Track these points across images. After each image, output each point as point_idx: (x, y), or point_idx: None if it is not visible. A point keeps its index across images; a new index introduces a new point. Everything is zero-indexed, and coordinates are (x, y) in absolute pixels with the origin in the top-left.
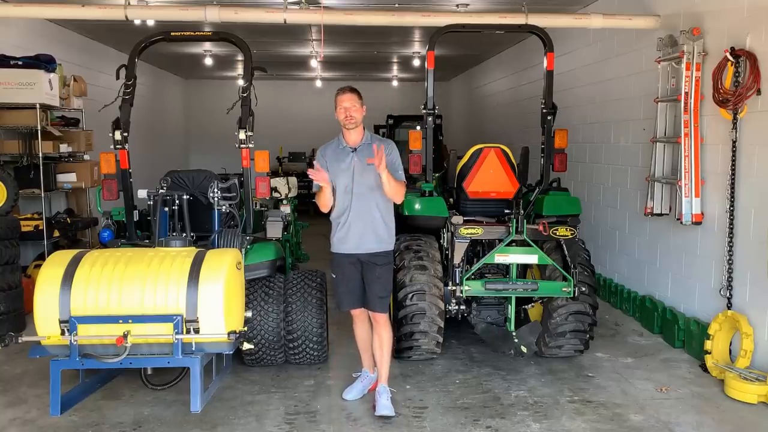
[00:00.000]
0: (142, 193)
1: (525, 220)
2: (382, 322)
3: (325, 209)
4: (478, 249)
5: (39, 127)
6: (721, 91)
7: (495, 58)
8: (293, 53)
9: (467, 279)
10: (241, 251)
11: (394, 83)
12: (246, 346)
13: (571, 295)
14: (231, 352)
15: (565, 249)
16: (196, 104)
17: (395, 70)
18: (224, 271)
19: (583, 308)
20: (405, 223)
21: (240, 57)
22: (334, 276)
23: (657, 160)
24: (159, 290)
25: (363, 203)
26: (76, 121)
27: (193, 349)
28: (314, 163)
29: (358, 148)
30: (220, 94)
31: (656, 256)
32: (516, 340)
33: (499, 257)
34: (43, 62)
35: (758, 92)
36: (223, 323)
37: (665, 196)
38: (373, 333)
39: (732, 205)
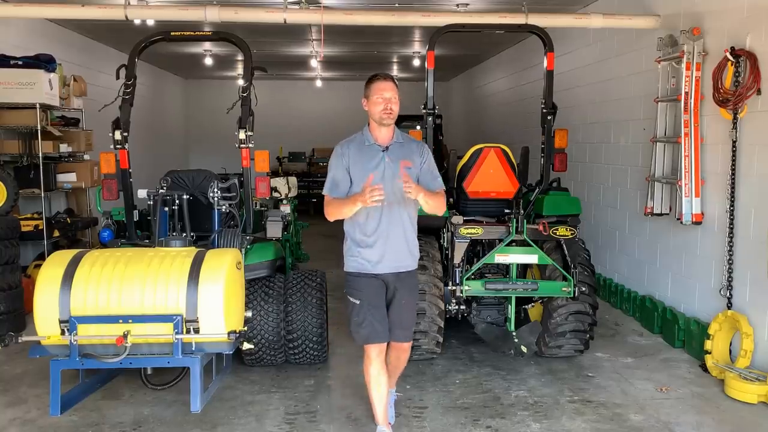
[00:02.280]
0: (142, 193)
1: (525, 220)
2: (406, 347)
3: (334, 218)
4: (478, 249)
5: (39, 127)
6: (721, 91)
7: (495, 58)
8: (293, 53)
9: (467, 279)
10: (241, 251)
11: None
12: (246, 346)
13: (571, 295)
14: (231, 352)
15: (565, 249)
16: (196, 104)
17: (395, 70)
18: (224, 271)
19: (583, 308)
20: None
21: (240, 57)
22: (356, 302)
23: (657, 160)
24: (159, 290)
25: (395, 213)
26: (76, 121)
27: (193, 349)
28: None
29: (389, 147)
30: (220, 94)
31: (656, 256)
32: (516, 340)
33: (499, 257)
34: (43, 62)
35: (758, 92)
36: (223, 323)
37: (665, 196)
38: (390, 353)
39: (732, 205)
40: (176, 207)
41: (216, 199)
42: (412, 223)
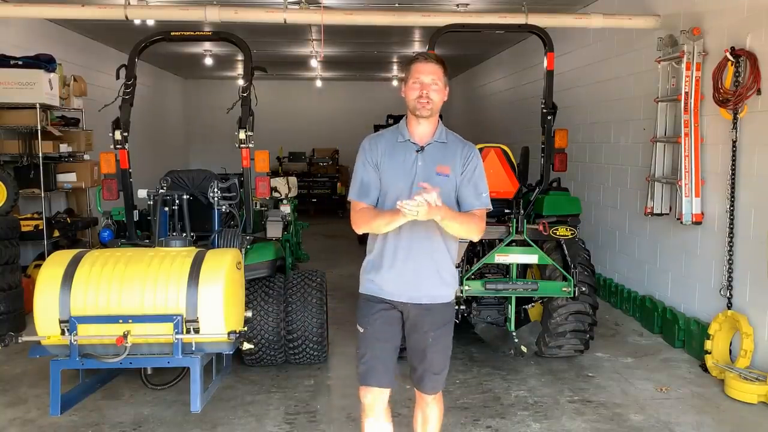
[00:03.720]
0: (142, 193)
1: (525, 220)
2: (431, 399)
3: (365, 231)
4: (478, 249)
5: (39, 127)
6: (721, 91)
7: (495, 58)
8: (293, 53)
9: (467, 279)
10: (241, 251)
11: (394, 83)
12: (246, 346)
13: (571, 295)
14: (231, 352)
15: (565, 249)
16: (196, 104)
17: (395, 70)
18: (224, 271)
19: (583, 308)
20: None
21: (240, 57)
22: (361, 330)
23: (657, 160)
24: (159, 290)
25: (421, 227)
26: (76, 121)
27: (193, 349)
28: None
29: (426, 146)
30: (220, 94)
31: (656, 256)
32: (516, 340)
33: (499, 257)
34: (43, 62)
35: (758, 92)
36: (223, 323)
37: (665, 196)
38: (415, 411)
39: (732, 205)
40: (176, 207)
41: (216, 199)
42: (446, 242)
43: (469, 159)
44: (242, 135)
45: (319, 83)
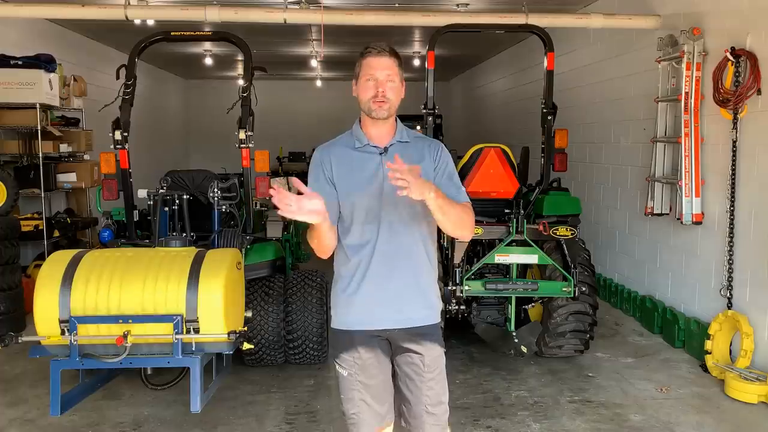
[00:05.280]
0: (142, 193)
1: (525, 220)
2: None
3: (325, 254)
4: (478, 249)
5: (39, 127)
6: (721, 91)
7: (495, 58)
8: (293, 53)
9: (467, 279)
10: (241, 251)
11: None
12: (246, 346)
13: (571, 295)
14: (231, 352)
15: (565, 249)
16: (196, 104)
17: None
18: (224, 271)
19: (583, 308)
20: None
21: (240, 57)
22: (342, 373)
23: (657, 160)
24: (159, 290)
25: (399, 240)
26: (76, 121)
27: (193, 349)
28: (278, 182)
29: (389, 148)
30: (220, 94)
31: (656, 256)
32: (516, 340)
33: (499, 257)
34: (43, 62)
35: (758, 92)
36: (222, 323)
37: (665, 196)
38: None
39: (732, 205)
40: (176, 207)
41: (216, 199)
42: (429, 255)
43: (439, 155)
44: (242, 135)
45: (319, 83)
